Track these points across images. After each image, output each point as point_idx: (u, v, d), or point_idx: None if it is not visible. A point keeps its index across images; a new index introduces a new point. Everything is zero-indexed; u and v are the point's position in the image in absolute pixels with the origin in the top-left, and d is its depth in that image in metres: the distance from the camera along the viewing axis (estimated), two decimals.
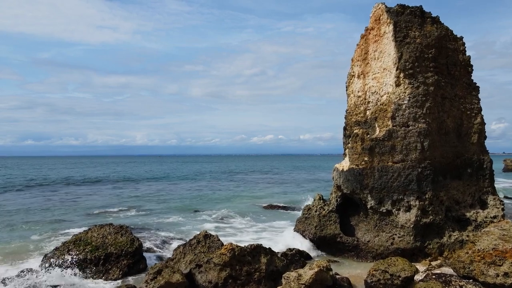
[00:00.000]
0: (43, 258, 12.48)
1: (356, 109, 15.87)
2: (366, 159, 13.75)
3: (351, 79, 16.42)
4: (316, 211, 15.37)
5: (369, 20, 15.49)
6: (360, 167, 13.85)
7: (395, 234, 13.44)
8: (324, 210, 15.14)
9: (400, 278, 9.61)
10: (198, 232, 12.68)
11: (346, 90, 17.08)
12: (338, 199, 15.17)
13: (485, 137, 14.86)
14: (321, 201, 15.96)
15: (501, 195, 18.41)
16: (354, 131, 14.52)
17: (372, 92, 15.06)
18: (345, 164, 14.67)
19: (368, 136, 13.97)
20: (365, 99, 15.42)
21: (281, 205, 29.38)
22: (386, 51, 14.43)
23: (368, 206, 14.01)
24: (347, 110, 16.84)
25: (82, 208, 28.78)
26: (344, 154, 16.66)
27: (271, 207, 28.48)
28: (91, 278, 11.62)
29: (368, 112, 15.26)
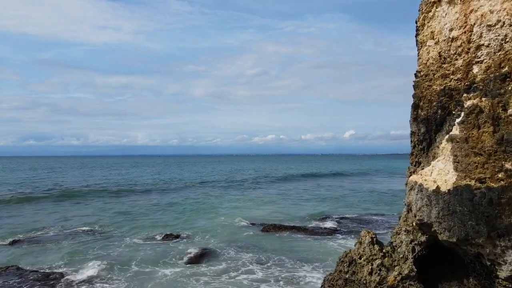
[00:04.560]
0: None
1: (445, 65, 7.99)
2: (509, 167, 5.81)
3: (431, 9, 8.53)
4: (372, 273, 7.49)
5: None
6: (494, 185, 5.87)
7: None
8: (390, 272, 7.26)
9: None
10: None
11: (416, 35, 9.23)
12: (418, 249, 7.29)
13: None
14: (376, 246, 8.07)
15: None
16: (469, 103, 6.61)
17: (488, 26, 7.15)
18: (439, 178, 6.71)
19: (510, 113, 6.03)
20: (468, 43, 7.51)
21: (286, 224, 21.51)
22: None
23: (503, 274, 6.11)
24: (418, 72, 8.97)
25: (13, 229, 20.96)
26: (413, 155, 8.87)
27: (273, 228, 20.60)
28: None
29: (476, 68, 7.33)
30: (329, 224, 22.81)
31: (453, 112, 8.00)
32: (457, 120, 6.69)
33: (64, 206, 30.98)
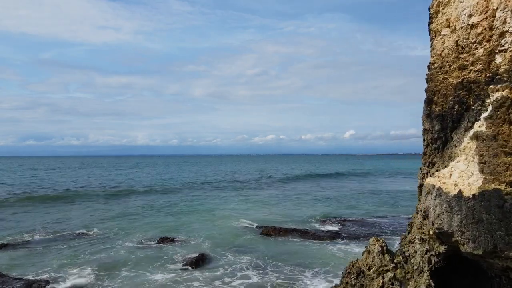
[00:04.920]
0: None
1: (463, 55, 7.24)
2: None
3: None
4: (383, 287, 6.71)
5: None
6: None
7: None
8: (404, 286, 6.49)
9: None
10: None
11: (429, 23, 8.49)
12: (435, 260, 6.50)
13: None
14: (387, 256, 7.29)
15: None
16: (497, 95, 5.84)
17: None
18: (461, 181, 5.92)
19: None
20: (490, 29, 6.77)
21: (286, 227, 20.70)
22: None
23: None
24: (432, 64, 8.21)
25: (2, 232, 20.14)
26: (426, 154, 8.19)
27: (273, 231, 19.80)
28: None
29: (500, 58, 6.57)
30: (330, 227, 22.04)
31: (472, 107, 7.24)
32: (484, 115, 5.89)
33: (59, 208, 30.09)
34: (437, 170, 7.72)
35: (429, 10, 8.50)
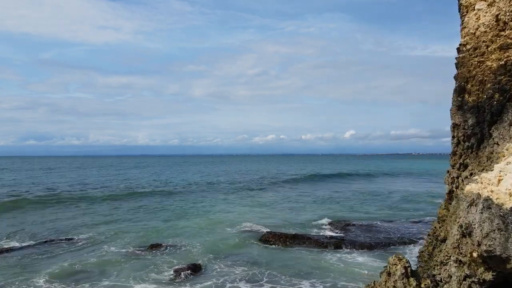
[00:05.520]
0: None
1: (505, 32, 5.92)
2: None
3: None
4: None
5: None
6: None
7: None
8: None
9: None
10: None
11: None
12: (476, 286, 5.11)
13: None
14: (412, 280, 5.92)
15: None
16: None
17: None
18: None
19: None
20: None
21: (286, 232, 19.30)
22: None
23: None
24: (463, 45, 6.86)
25: None
26: (456, 155, 6.97)
27: (272, 237, 18.40)
28: None
29: None
30: (332, 232, 20.68)
31: None
32: None
33: (48, 211, 28.42)
34: (471, 174, 6.35)
35: None
